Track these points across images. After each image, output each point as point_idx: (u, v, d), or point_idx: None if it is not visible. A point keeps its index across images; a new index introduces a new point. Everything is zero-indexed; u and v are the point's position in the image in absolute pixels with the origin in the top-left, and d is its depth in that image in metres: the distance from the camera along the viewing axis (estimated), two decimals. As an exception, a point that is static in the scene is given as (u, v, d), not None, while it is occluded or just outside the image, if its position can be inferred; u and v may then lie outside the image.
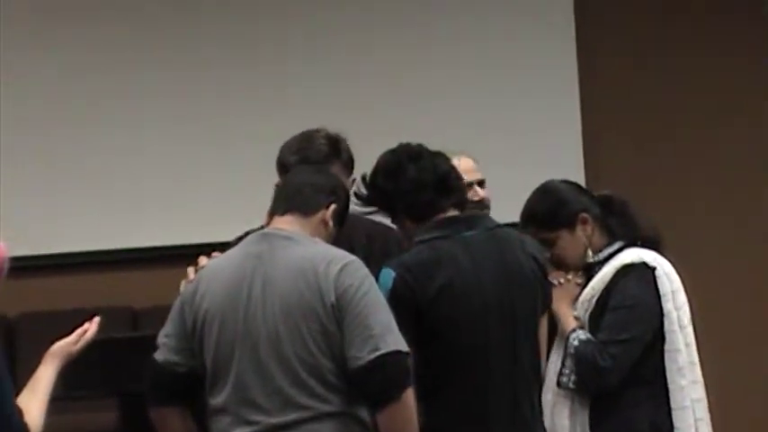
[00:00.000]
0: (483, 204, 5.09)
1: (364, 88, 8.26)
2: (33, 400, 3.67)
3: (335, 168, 4.51)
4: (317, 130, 4.64)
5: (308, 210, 4.07)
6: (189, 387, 4.01)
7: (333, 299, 3.84)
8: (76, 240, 7.87)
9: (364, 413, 3.91)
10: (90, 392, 4.89)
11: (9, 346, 7.11)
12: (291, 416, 3.86)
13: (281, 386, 3.86)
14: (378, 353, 3.79)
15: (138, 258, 7.79)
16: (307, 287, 3.87)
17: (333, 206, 4.10)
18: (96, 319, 3.95)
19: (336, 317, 3.84)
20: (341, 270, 3.87)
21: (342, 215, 4.17)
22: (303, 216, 4.06)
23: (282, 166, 4.54)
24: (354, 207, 4.38)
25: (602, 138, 8.21)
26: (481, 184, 5.17)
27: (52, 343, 3.87)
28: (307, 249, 3.96)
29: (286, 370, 3.86)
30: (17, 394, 3.60)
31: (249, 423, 3.88)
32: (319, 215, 4.08)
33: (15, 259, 7.72)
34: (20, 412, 3.52)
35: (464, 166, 4.90)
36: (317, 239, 4.04)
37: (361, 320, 3.83)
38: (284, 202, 4.10)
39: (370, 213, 4.44)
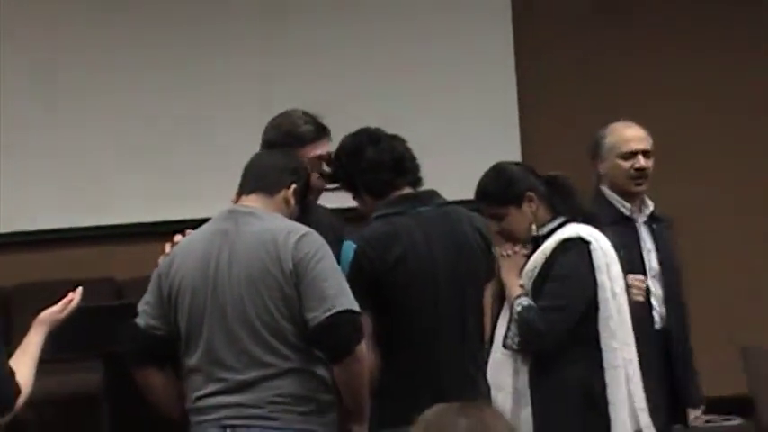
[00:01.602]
0: (644, 172, 5.02)
1: (325, 79, 8.07)
2: (24, 362, 3.70)
3: (326, 145, 4.49)
4: (302, 113, 4.57)
5: (272, 189, 4.10)
6: (166, 349, 4.04)
7: (291, 266, 3.89)
8: (66, 218, 7.80)
9: (322, 369, 3.95)
10: (75, 355, 4.86)
11: (6, 314, 7.11)
12: (256, 373, 3.90)
13: (246, 346, 3.90)
14: (331, 312, 3.85)
15: (120, 234, 7.73)
16: (268, 257, 3.91)
17: (293, 186, 4.13)
18: (79, 289, 3.96)
19: (294, 282, 3.88)
20: (298, 240, 3.92)
21: (303, 193, 4.19)
22: (267, 195, 4.09)
23: (272, 145, 4.49)
24: (317, 182, 4.41)
25: (538, 122, 8.16)
26: (646, 154, 5.07)
27: (41, 311, 3.90)
28: (269, 224, 4.00)
29: (250, 332, 3.90)
30: (9, 356, 3.64)
31: (219, 380, 3.93)
32: (282, 194, 4.10)
33: (11, 235, 7.72)
34: (12, 373, 3.57)
35: (632, 134, 5.02)
36: (279, 216, 4.06)
37: (316, 284, 3.88)
38: (250, 183, 4.13)
39: (334, 189, 4.46)
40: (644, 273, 4.92)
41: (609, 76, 8.28)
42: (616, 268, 4.47)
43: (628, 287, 4.63)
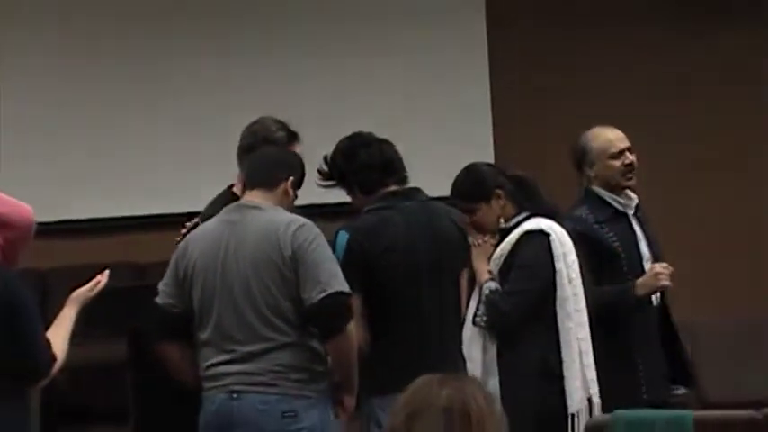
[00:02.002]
0: (633, 167, 4.93)
1: (315, 85, 8.07)
2: (58, 334, 3.71)
3: (297, 148, 4.52)
4: (273, 120, 4.62)
5: (271, 184, 4.15)
6: (182, 324, 4.09)
7: (290, 252, 3.95)
8: (96, 209, 7.84)
9: (315, 344, 4.02)
10: (103, 329, 4.95)
11: (42, 293, 7.09)
12: (259, 345, 3.97)
13: (250, 323, 3.98)
14: (324, 293, 3.92)
15: (143, 223, 7.74)
16: (269, 245, 3.97)
17: (291, 178, 4.17)
18: (106, 272, 3.98)
19: (293, 266, 3.95)
20: (296, 230, 3.98)
21: (299, 183, 4.22)
22: (268, 190, 4.14)
23: (249, 149, 4.49)
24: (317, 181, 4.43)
25: (509, 126, 8.13)
26: (630, 150, 4.97)
27: (73, 290, 3.94)
28: (271, 216, 4.05)
29: (255, 310, 3.98)
30: (46, 329, 3.67)
31: (227, 352, 4.00)
32: (281, 187, 4.15)
33: (48, 224, 7.84)
34: (48, 343, 3.60)
35: (615, 135, 4.95)
36: (280, 208, 4.11)
37: (311, 269, 3.94)
38: (252, 179, 4.19)
39: (330, 186, 4.49)
40: (640, 259, 4.90)
41: (578, 83, 8.17)
42: (572, 257, 4.52)
43: (655, 273, 4.72)
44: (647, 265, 4.89)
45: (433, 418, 2.54)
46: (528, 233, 4.53)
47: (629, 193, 5.00)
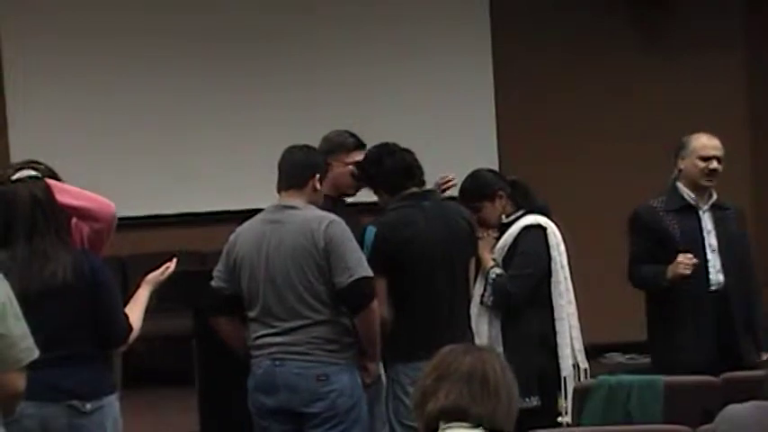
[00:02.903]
0: (716, 173, 4.72)
1: (332, 93, 7.74)
2: (135, 310, 3.74)
3: (361, 154, 4.52)
4: (346, 131, 4.66)
5: (301, 184, 4.12)
6: (232, 303, 4.11)
7: (323, 244, 3.97)
8: (168, 205, 7.74)
9: (345, 319, 4.04)
10: (172, 307, 4.89)
11: (123, 276, 7.05)
12: (298, 322, 4.00)
13: (291, 303, 4.00)
14: (352, 278, 3.95)
15: (206, 219, 7.59)
16: (306, 239, 3.99)
17: (317, 175, 4.14)
18: (174, 259, 4.00)
19: (325, 256, 3.97)
20: (328, 225, 4.00)
21: (324, 176, 4.19)
22: (299, 189, 4.11)
23: (326, 153, 4.47)
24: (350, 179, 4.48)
25: (512, 134, 7.88)
26: (719, 159, 4.75)
27: (147, 274, 3.96)
28: (306, 214, 4.06)
29: (294, 293, 4.00)
30: (125, 306, 3.71)
31: (271, 326, 4.03)
32: (309, 185, 4.13)
33: (128, 218, 7.79)
34: (126, 316, 3.64)
35: (711, 142, 4.77)
36: (313, 207, 4.10)
37: (341, 258, 3.96)
38: (283, 181, 4.15)
39: (360, 188, 4.53)
40: (703, 248, 4.70)
41: (578, 91, 7.97)
42: (563, 247, 4.54)
43: (679, 263, 4.56)
44: (712, 255, 4.75)
45: (458, 381, 2.57)
46: (528, 227, 4.52)
47: (713, 192, 4.82)
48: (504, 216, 4.58)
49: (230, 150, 7.78)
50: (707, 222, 4.80)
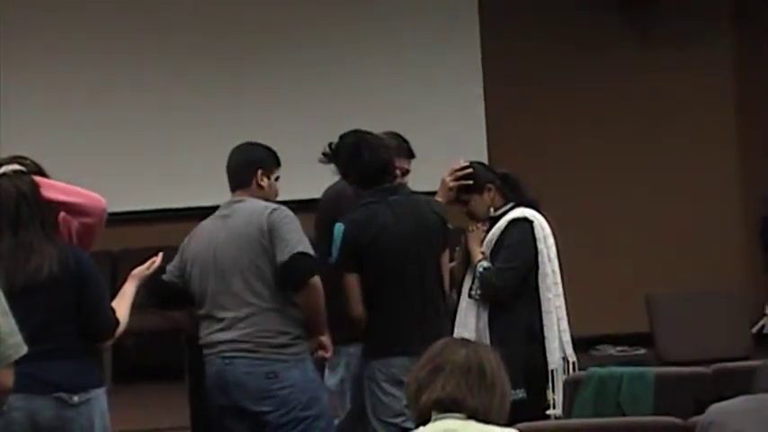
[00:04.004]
0: None
1: (326, 84, 7.75)
2: (122, 304, 3.77)
3: (407, 163, 4.64)
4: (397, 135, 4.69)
5: (245, 183, 4.21)
6: (184, 298, 4.17)
7: (266, 228, 4.02)
8: (157, 201, 7.75)
9: (294, 311, 4.05)
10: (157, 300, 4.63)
11: (113, 270, 7.03)
12: (244, 310, 4.02)
13: (237, 291, 4.03)
14: (290, 254, 3.97)
15: (194, 214, 7.48)
16: (252, 225, 4.05)
17: (259, 171, 4.21)
18: (160, 254, 4.05)
19: (269, 237, 4.01)
20: (271, 212, 4.05)
21: (270, 169, 4.22)
22: (245, 188, 4.20)
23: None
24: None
25: (502, 127, 7.87)
26: None
27: (134, 269, 3.98)
28: (253, 204, 4.13)
29: (241, 279, 4.03)
30: (112, 300, 3.71)
31: (219, 320, 4.06)
32: (253, 183, 4.20)
33: (118, 214, 7.74)
34: (113, 310, 3.65)
35: None
36: (259, 200, 4.15)
37: (282, 238, 4.00)
38: (231, 183, 4.24)
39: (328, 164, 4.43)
40: None
41: (567, 83, 7.95)
42: (551, 240, 4.49)
43: None
44: None
45: (455, 373, 2.61)
46: (514, 220, 4.49)
47: None
48: (492, 209, 4.54)
49: (221, 146, 7.66)
50: None
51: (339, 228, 4.24)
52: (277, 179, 4.26)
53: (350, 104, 7.49)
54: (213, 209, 4.24)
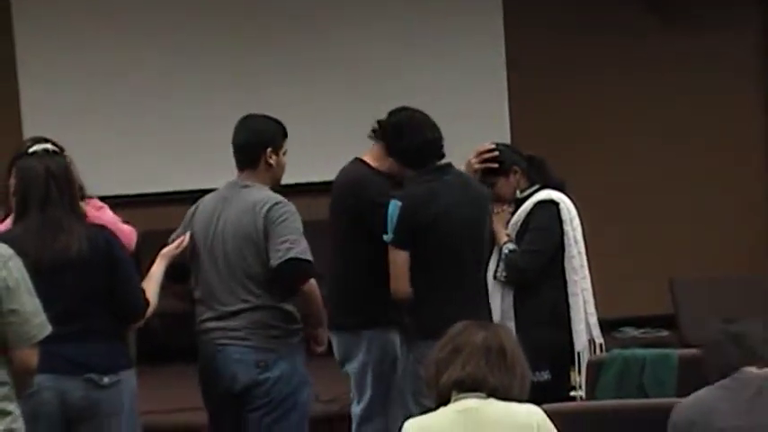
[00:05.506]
0: None
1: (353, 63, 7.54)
2: (150, 285, 3.79)
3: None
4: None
5: (253, 163, 4.07)
6: (186, 272, 4.09)
7: (261, 225, 3.91)
8: (181, 182, 7.49)
9: (288, 305, 3.99)
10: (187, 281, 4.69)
11: (137, 252, 7.09)
12: (238, 305, 3.97)
13: (230, 285, 3.97)
14: (282, 259, 3.86)
15: None
16: (248, 220, 3.94)
17: (268, 149, 4.05)
18: (188, 234, 4.05)
19: (263, 236, 3.91)
20: (269, 208, 3.92)
21: (279, 146, 4.09)
22: (252, 169, 4.06)
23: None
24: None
25: (525, 110, 7.67)
26: None
27: (162, 249, 4.03)
28: (254, 195, 3.99)
29: (233, 276, 3.96)
30: (141, 280, 3.75)
31: (213, 309, 4.01)
32: (262, 163, 4.06)
33: (143, 195, 7.65)
34: (143, 291, 3.67)
35: None
36: (265, 188, 4.03)
37: (277, 239, 3.89)
38: (238, 162, 4.10)
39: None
40: None
41: (592, 69, 7.79)
42: (576, 222, 4.49)
43: None
44: None
45: (475, 353, 2.64)
46: (540, 202, 4.49)
47: None
48: (518, 191, 4.54)
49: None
50: None
51: (395, 204, 4.17)
52: (284, 153, 4.12)
53: (370, 90, 7.35)
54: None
